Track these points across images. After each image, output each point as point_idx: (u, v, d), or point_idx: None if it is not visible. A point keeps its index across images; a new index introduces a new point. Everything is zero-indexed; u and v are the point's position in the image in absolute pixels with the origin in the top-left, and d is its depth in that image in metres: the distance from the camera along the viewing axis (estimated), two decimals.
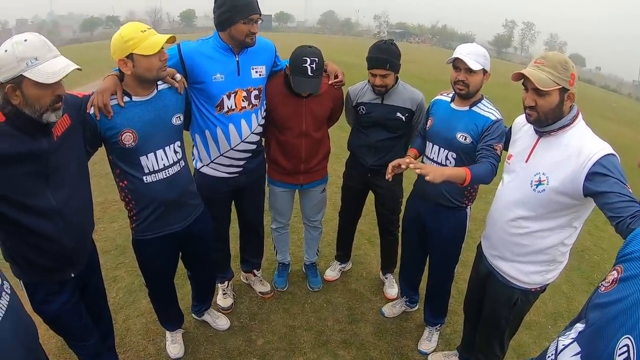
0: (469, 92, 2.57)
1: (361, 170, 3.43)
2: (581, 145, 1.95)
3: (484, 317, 2.63)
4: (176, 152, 2.52)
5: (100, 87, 2.26)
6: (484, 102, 2.66)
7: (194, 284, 3.26)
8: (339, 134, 5.27)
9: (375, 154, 3.28)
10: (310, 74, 2.80)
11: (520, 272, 2.31)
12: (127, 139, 2.30)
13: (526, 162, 2.19)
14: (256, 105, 2.90)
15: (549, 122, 2.05)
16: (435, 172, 2.19)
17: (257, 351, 3.28)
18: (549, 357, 1.44)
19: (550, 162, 2.05)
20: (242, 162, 3.02)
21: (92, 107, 2.22)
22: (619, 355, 1.12)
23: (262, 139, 3.19)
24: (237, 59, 2.77)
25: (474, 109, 2.63)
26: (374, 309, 3.80)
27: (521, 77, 2.01)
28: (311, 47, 2.88)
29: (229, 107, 2.79)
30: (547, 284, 2.37)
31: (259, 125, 2.98)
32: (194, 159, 3.06)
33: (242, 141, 2.92)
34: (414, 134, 3.24)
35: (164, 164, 2.45)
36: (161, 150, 2.43)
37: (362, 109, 3.22)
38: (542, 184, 2.06)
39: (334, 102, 3.19)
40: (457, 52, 2.54)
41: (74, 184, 2.10)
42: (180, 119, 2.54)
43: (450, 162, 2.71)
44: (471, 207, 2.93)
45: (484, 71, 2.56)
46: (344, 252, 4.17)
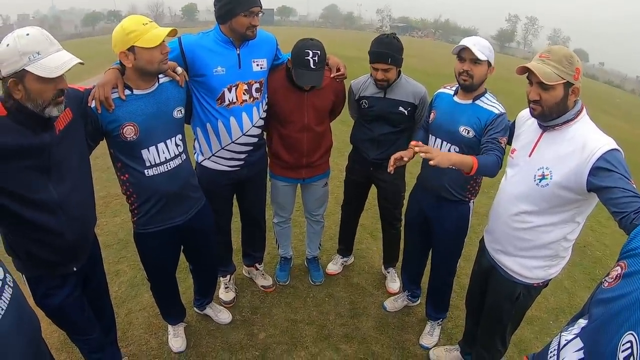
0: (473, 84, 2.55)
1: (364, 164, 3.42)
2: (585, 140, 1.93)
3: (486, 311, 2.63)
4: (177, 145, 2.51)
5: (101, 80, 2.25)
6: (487, 95, 2.64)
7: (195, 277, 3.26)
8: (342, 127, 5.27)
9: (377, 148, 3.27)
10: (312, 66, 2.78)
11: (522, 266, 2.30)
12: (129, 132, 2.29)
13: (530, 156, 2.17)
14: (257, 98, 2.89)
15: (553, 116, 2.03)
16: (441, 157, 2.17)
17: (259, 345, 3.28)
18: (551, 352, 1.43)
19: (554, 157, 2.03)
20: (243, 156, 3.01)
21: (94, 101, 2.21)
22: (622, 351, 1.11)
23: (264, 133, 3.18)
24: (238, 52, 2.75)
25: (477, 102, 2.62)
26: (375, 303, 3.80)
27: (526, 70, 1.99)
28: (313, 40, 2.86)
29: (230, 100, 2.78)
30: (550, 279, 2.35)
31: (261, 118, 2.97)
32: (195, 153, 3.05)
33: (244, 134, 2.91)
34: (416, 127, 3.23)
35: (166, 157, 2.44)
36: (162, 143, 2.42)
37: (365, 102, 3.20)
38: (546, 179, 2.04)
39: (336, 95, 3.17)
40: (464, 42, 2.52)
41: (76, 178, 2.09)
42: (181, 112, 2.53)
43: None
44: (474, 202, 2.92)
45: (489, 64, 2.54)
46: (346, 246, 4.16)
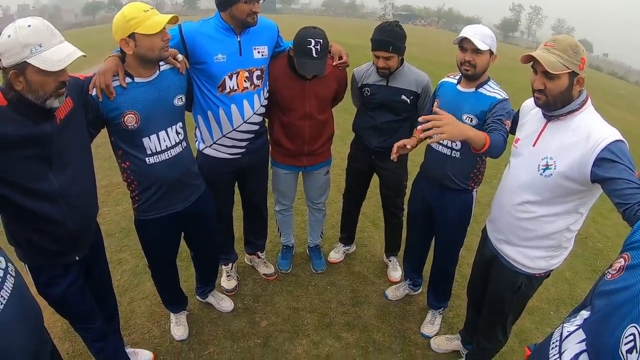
0: (475, 73, 2.53)
1: (366, 152, 3.40)
2: (590, 130, 1.91)
3: (487, 301, 2.62)
4: (178, 133, 2.50)
5: (101, 68, 2.23)
6: (490, 83, 2.62)
7: (197, 264, 3.27)
8: (344, 116, 5.25)
9: (380, 136, 3.25)
10: (314, 55, 2.76)
11: (525, 256, 2.29)
12: (130, 120, 2.29)
13: (534, 145, 2.15)
14: (258, 85, 2.87)
15: (557, 106, 2.01)
16: (455, 129, 2.10)
17: (260, 333, 3.29)
18: (553, 344, 1.43)
19: (558, 147, 2.02)
20: (244, 143, 3.00)
21: (94, 89, 2.19)
22: (625, 344, 1.10)
23: (265, 120, 3.17)
24: (238, 39, 2.73)
25: (480, 90, 2.60)
26: (377, 291, 3.81)
27: (530, 59, 1.97)
28: (315, 29, 2.83)
29: (230, 88, 2.76)
30: (552, 270, 2.35)
31: (262, 106, 2.95)
32: (196, 141, 3.04)
33: (245, 122, 2.89)
34: (419, 116, 3.21)
35: (166, 145, 2.44)
36: (163, 131, 2.41)
37: (367, 90, 3.18)
38: (550, 168, 2.03)
39: (338, 83, 3.15)
40: (464, 32, 2.50)
41: (77, 167, 2.08)
42: (182, 99, 2.52)
43: (456, 144, 2.68)
44: (477, 191, 2.91)
45: (491, 52, 2.53)
46: (348, 235, 4.16)
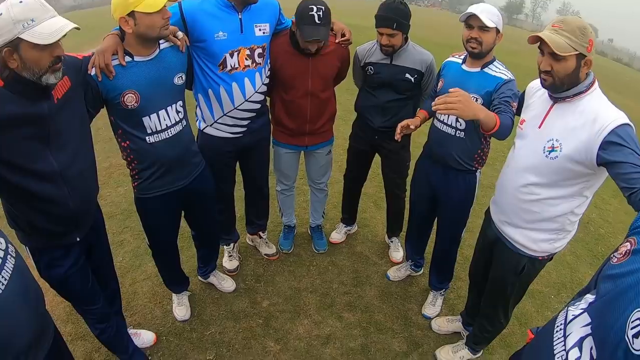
0: (481, 51, 2.50)
1: (368, 131, 3.36)
2: (597, 113, 1.88)
3: (489, 283, 2.62)
4: (178, 111, 2.48)
5: (100, 46, 2.18)
6: (495, 63, 2.58)
7: (198, 244, 3.27)
8: (346, 96, 5.21)
9: (383, 115, 3.21)
10: (317, 21, 2.69)
11: (528, 239, 2.27)
12: (130, 100, 2.25)
13: (539, 127, 2.12)
14: (260, 63, 2.83)
15: (564, 87, 1.97)
16: (467, 108, 2.03)
17: (262, 313, 3.31)
18: (557, 327, 1.41)
19: (564, 129, 1.98)
20: (246, 122, 2.96)
21: (94, 68, 2.15)
22: (631, 328, 1.08)
23: (267, 99, 3.13)
24: (240, 17, 2.67)
25: (486, 70, 2.56)
26: (379, 272, 3.82)
27: (538, 40, 1.93)
28: None
29: (232, 66, 2.72)
30: (555, 253, 2.33)
31: (263, 84, 2.91)
32: (197, 120, 3.01)
33: (246, 100, 2.85)
34: (423, 96, 3.18)
35: (167, 124, 2.41)
36: (163, 110, 2.38)
37: (370, 69, 3.14)
38: (555, 151, 2.00)
39: (341, 61, 3.10)
40: (471, 9, 2.46)
41: (77, 147, 2.05)
42: (182, 78, 2.49)
43: (460, 124, 2.65)
44: (481, 172, 2.88)
45: (497, 31, 2.49)
46: (349, 215, 4.15)
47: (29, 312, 1.65)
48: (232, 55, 2.69)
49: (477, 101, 2.54)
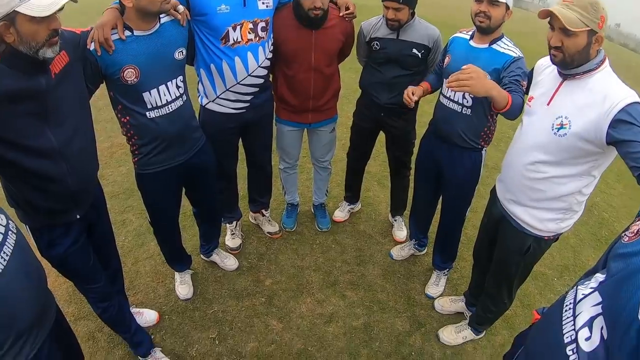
0: (489, 26, 2.44)
1: (374, 109, 3.31)
2: (607, 91, 1.84)
3: (494, 263, 2.60)
4: (178, 87, 2.43)
5: (99, 21, 2.13)
6: (504, 40, 2.53)
7: (199, 221, 3.26)
8: (350, 75, 5.13)
9: (389, 92, 3.15)
10: None
11: (534, 218, 2.24)
12: (130, 75, 2.21)
13: (548, 105, 2.07)
14: (263, 37, 2.77)
15: (574, 64, 1.92)
16: (480, 85, 2.02)
17: (265, 291, 3.31)
18: (567, 306, 1.39)
19: (573, 106, 1.94)
20: (249, 97, 2.92)
21: (93, 43, 2.10)
22: None
23: (270, 75, 3.08)
24: None
25: (494, 46, 2.51)
26: (382, 251, 3.81)
27: (549, 14, 1.87)
28: None
29: (234, 40, 2.66)
30: (561, 233, 2.30)
31: (267, 58, 2.86)
32: (199, 96, 2.96)
33: (249, 75, 2.80)
34: (428, 71, 3.11)
35: (167, 100, 2.38)
36: (164, 85, 2.34)
37: (376, 44, 3.07)
38: (564, 128, 1.95)
39: (345, 35, 3.04)
40: None
41: (75, 123, 2.02)
42: (182, 53, 2.44)
43: (467, 101, 2.60)
44: (486, 150, 2.84)
45: (507, 7, 2.43)
46: (352, 193, 4.13)
47: (31, 290, 1.63)
48: (234, 28, 2.63)
49: None
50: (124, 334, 2.71)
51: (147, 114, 2.34)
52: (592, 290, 1.32)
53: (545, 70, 2.21)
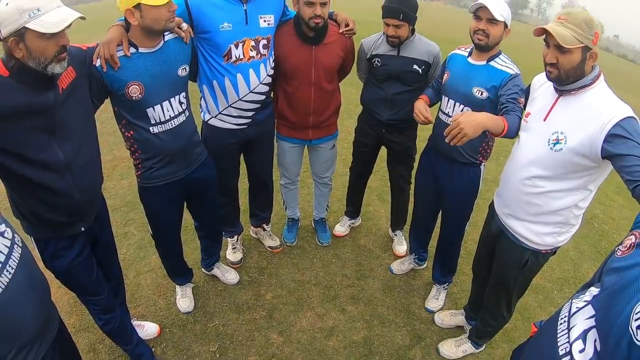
0: (488, 44, 2.48)
1: (376, 125, 3.35)
2: (602, 106, 1.87)
3: (493, 276, 2.62)
4: (181, 103, 2.49)
5: (105, 37, 2.18)
6: (501, 57, 2.57)
7: (201, 235, 3.27)
8: (350, 90, 5.19)
9: (391, 108, 3.19)
10: None
11: (532, 232, 2.27)
12: (134, 91, 2.26)
13: (544, 120, 2.11)
14: (265, 55, 2.82)
15: (569, 80, 1.96)
16: (473, 126, 2.01)
17: (265, 305, 3.32)
18: (562, 319, 1.41)
19: (569, 122, 1.97)
20: (250, 114, 2.96)
21: (99, 59, 2.15)
22: (635, 319, 1.09)
23: (271, 92, 3.12)
24: (245, 8, 2.66)
25: (491, 63, 2.55)
26: (382, 265, 3.82)
27: (543, 32, 1.92)
28: None
29: (236, 57, 2.71)
30: (558, 247, 2.32)
31: (268, 75, 2.91)
32: (202, 111, 3.01)
33: (251, 91, 2.85)
34: (427, 86, 3.16)
35: (170, 115, 2.42)
36: (167, 101, 2.39)
37: (377, 61, 3.12)
38: (560, 143, 1.99)
39: (345, 51, 3.08)
40: (482, 0, 2.44)
41: (81, 137, 2.06)
42: (186, 70, 2.49)
43: None
44: (485, 165, 2.88)
45: (505, 25, 2.47)
46: (353, 208, 4.15)
47: (36, 302, 1.66)
48: (237, 46, 2.68)
49: (482, 94, 2.54)
50: (125, 346, 2.73)
51: (151, 129, 2.38)
52: (585, 303, 1.34)
53: (541, 86, 2.24)
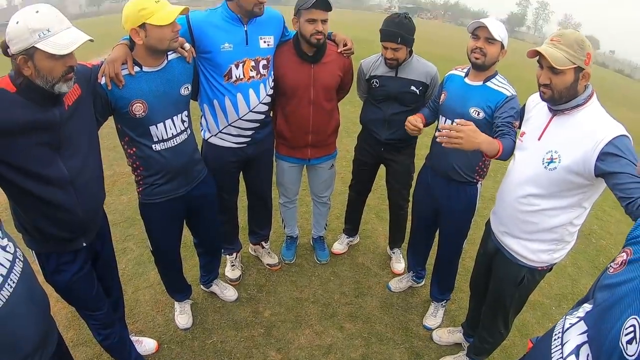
0: (485, 63, 2.53)
1: (374, 144, 3.40)
2: (594, 125, 1.92)
3: (490, 293, 2.63)
4: (183, 121, 2.53)
5: (110, 56, 2.23)
6: (497, 77, 2.62)
7: (200, 252, 3.29)
8: (349, 108, 5.25)
9: (389, 128, 3.25)
10: None
11: (527, 249, 2.29)
12: (138, 109, 2.30)
13: (539, 139, 2.15)
14: (264, 75, 2.88)
15: (562, 100, 2.01)
16: (469, 142, 2.10)
17: (264, 322, 3.32)
18: (555, 335, 1.44)
19: (562, 141, 2.02)
20: (250, 132, 3.00)
21: (104, 77, 2.20)
22: (625, 335, 1.11)
23: (271, 111, 3.16)
24: (245, 29, 2.73)
25: (488, 84, 2.60)
26: (380, 283, 3.83)
27: (537, 54, 1.97)
28: None
29: (237, 77, 2.77)
30: (554, 264, 2.35)
31: (267, 95, 2.96)
32: (202, 130, 3.05)
33: (250, 111, 2.90)
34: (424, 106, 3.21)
35: (172, 133, 2.47)
36: (170, 120, 2.44)
37: (376, 82, 3.18)
38: (554, 162, 2.03)
39: (343, 71, 3.14)
40: (480, 20, 2.50)
41: (86, 154, 2.09)
42: (188, 89, 2.54)
43: None
44: (482, 183, 2.91)
45: (502, 46, 2.52)
46: (352, 226, 4.17)
47: (36, 316, 1.68)
48: (237, 66, 2.74)
49: (478, 115, 2.58)
50: None
51: (153, 146, 2.42)
52: (578, 319, 1.37)
53: (536, 106, 2.29)
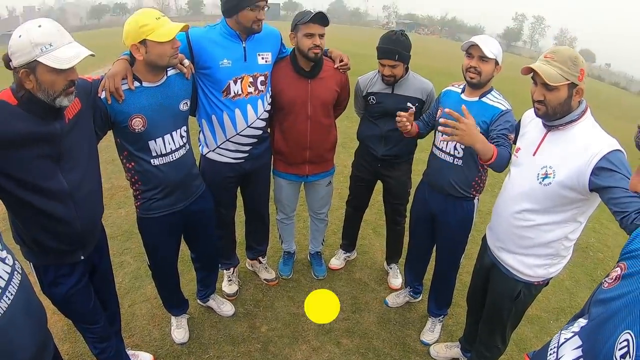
0: (480, 81, 2.56)
1: (371, 160, 3.43)
2: (589, 140, 1.94)
3: (486, 309, 2.63)
4: (182, 136, 2.56)
5: (110, 71, 2.26)
6: (493, 93, 2.65)
7: (197, 266, 3.29)
8: (346, 123, 5.27)
9: (385, 144, 3.28)
10: (313, 12, 2.82)
11: (523, 264, 2.30)
12: (137, 124, 2.33)
13: (534, 155, 2.18)
14: (262, 91, 2.91)
15: (557, 116, 2.03)
16: (467, 136, 2.20)
17: (260, 337, 3.30)
18: (551, 350, 1.45)
19: (557, 156, 2.04)
20: (248, 148, 3.02)
21: (104, 92, 2.22)
22: (619, 349, 1.12)
23: (268, 127, 3.19)
24: (243, 45, 2.77)
25: (484, 99, 2.63)
26: (377, 298, 3.81)
27: (530, 71, 2.00)
28: None
29: (235, 92, 2.80)
30: (550, 278, 2.36)
31: (265, 111, 2.99)
32: (200, 145, 3.07)
33: (248, 126, 2.92)
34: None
35: (171, 148, 2.49)
36: (169, 135, 2.46)
37: (373, 99, 3.21)
38: (549, 177, 2.05)
39: (340, 86, 3.17)
40: (473, 39, 2.53)
41: (85, 167, 2.11)
42: (187, 104, 2.56)
43: (458, 152, 2.70)
44: (479, 199, 2.93)
45: (496, 62, 2.56)
46: (349, 242, 4.17)
47: (33, 328, 1.68)
48: (235, 82, 2.77)
49: None
50: None
51: (152, 161, 2.44)
52: (573, 334, 1.38)
53: (531, 122, 2.31)
